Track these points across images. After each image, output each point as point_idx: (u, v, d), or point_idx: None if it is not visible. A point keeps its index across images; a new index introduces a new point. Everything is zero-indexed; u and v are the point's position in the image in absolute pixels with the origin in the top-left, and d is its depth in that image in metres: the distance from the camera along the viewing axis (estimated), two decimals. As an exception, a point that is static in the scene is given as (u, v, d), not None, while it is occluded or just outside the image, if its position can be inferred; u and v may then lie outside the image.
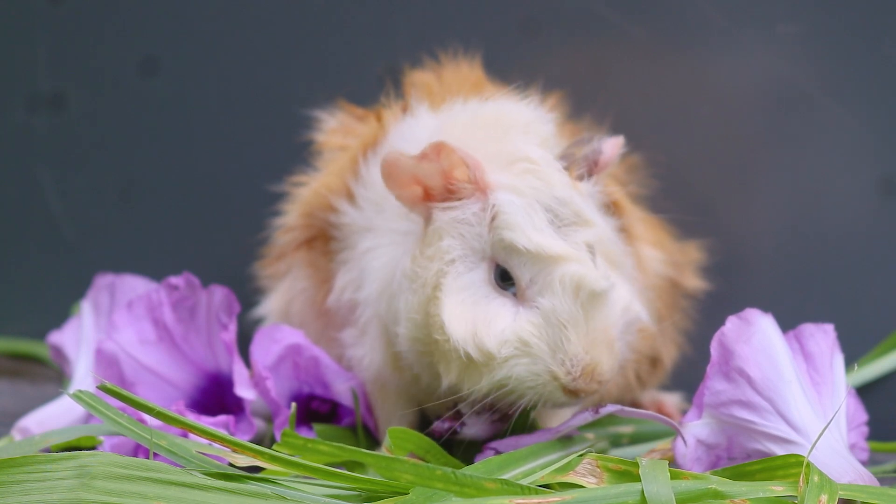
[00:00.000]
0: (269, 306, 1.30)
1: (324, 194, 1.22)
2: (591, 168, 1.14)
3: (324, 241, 1.22)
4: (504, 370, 1.08)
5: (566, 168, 1.13)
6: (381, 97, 1.25)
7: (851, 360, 1.43)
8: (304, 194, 1.25)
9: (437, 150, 1.09)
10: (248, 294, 1.34)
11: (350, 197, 1.19)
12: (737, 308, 1.47)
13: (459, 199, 1.11)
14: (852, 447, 1.16)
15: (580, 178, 1.13)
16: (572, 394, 1.09)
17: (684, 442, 1.11)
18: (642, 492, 0.98)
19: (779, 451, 1.08)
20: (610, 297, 1.10)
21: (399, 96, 1.26)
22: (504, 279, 1.10)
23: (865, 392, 1.39)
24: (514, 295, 1.10)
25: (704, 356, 1.12)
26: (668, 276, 1.31)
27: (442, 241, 1.10)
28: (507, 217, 1.09)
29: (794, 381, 1.10)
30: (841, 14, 1.44)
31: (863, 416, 1.20)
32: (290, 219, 1.26)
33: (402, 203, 1.13)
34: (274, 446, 1.02)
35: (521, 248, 1.08)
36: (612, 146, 1.15)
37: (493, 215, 1.10)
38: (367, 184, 1.19)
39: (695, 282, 1.36)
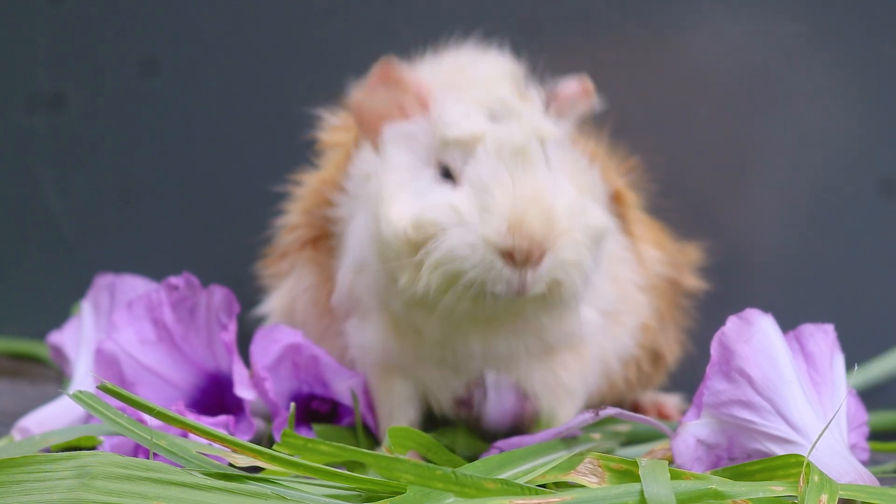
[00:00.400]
0: (272, 305, 1.30)
1: (321, 190, 1.22)
2: (548, 99, 1.16)
3: (326, 238, 1.23)
4: (440, 245, 1.08)
5: (524, 94, 1.15)
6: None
7: (851, 360, 1.43)
8: (304, 193, 1.25)
9: (381, 73, 1.14)
10: (248, 294, 1.34)
11: (343, 191, 1.20)
12: (737, 308, 1.47)
13: (408, 118, 1.14)
14: (853, 447, 1.16)
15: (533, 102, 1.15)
16: (508, 256, 1.07)
17: (678, 447, 1.10)
18: (642, 492, 0.98)
19: (779, 451, 1.08)
20: (539, 162, 1.10)
21: None
22: (446, 177, 1.12)
23: (866, 393, 1.39)
24: (454, 184, 1.12)
25: (705, 356, 1.12)
26: (668, 276, 1.31)
27: (387, 152, 1.13)
28: (446, 118, 1.12)
29: (794, 381, 1.10)
30: (841, 14, 1.44)
31: (863, 416, 1.20)
32: (292, 217, 1.26)
33: (377, 151, 1.15)
34: (274, 446, 1.02)
35: (453, 137, 1.11)
36: (572, 84, 1.18)
37: (436, 123, 1.12)
38: (354, 175, 1.19)
39: (695, 281, 1.36)
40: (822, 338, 1.14)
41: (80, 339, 1.37)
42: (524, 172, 1.09)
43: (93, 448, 1.17)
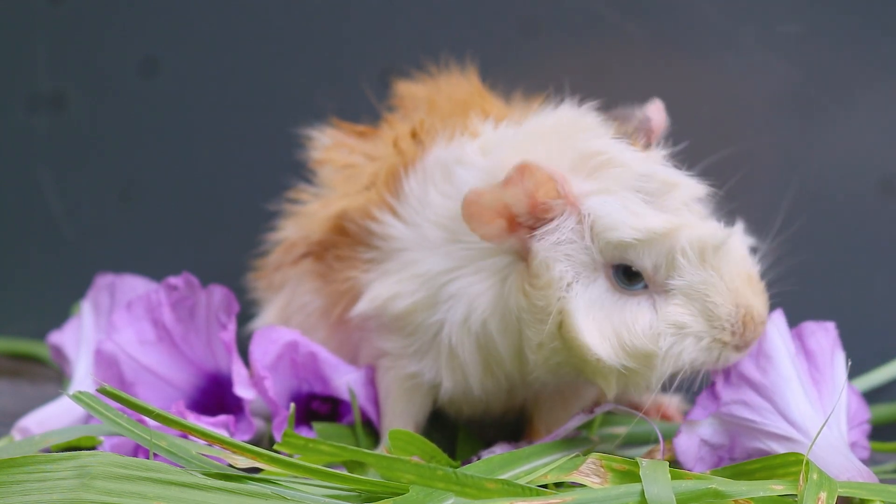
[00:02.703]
0: (267, 318, 1.30)
1: (364, 207, 1.20)
2: (648, 136, 1.16)
3: (345, 249, 1.21)
4: (672, 360, 1.09)
5: (630, 144, 1.13)
6: (378, 110, 1.25)
7: (851, 359, 1.43)
8: (329, 211, 1.23)
9: (522, 171, 1.08)
10: (247, 294, 1.34)
11: (392, 211, 1.18)
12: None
13: (551, 219, 1.10)
14: (853, 445, 1.16)
15: (645, 148, 1.14)
16: (744, 347, 1.10)
17: (681, 447, 1.10)
18: (643, 492, 0.98)
19: (780, 448, 1.08)
20: (733, 243, 1.11)
21: (390, 108, 1.26)
22: (628, 277, 1.10)
23: (868, 393, 1.39)
24: (646, 288, 1.10)
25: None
26: None
27: (552, 271, 1.09)
28: (605, 219, 1.09)
29: (794, 379, 1.10)
30: (841, 14, 1.44)
31: (865, 415, 1.20)
32: (293, 233, 1.26)
33: (487, 240, 1.12)
34: (275, 446, 1.02)
35: (631, 240, 1.08)
36: (656, 110, 1.18)
37: (591, 223, 1.09)
38: (420, 202, 1.17)
39: None
40: (823, 335, 1.14)
41: (80, 339, 1.37)
42: (727, 261, 1.10)
43: (93, 448, 1.17)
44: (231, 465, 1.02)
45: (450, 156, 1.16)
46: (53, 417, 1.26)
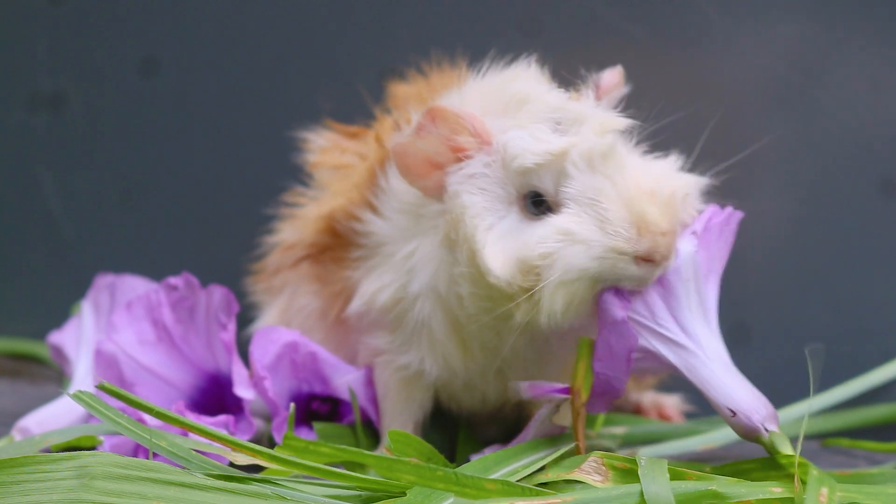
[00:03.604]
0: (266, 321, 1.30)
1: (346, 207, 1.21)
2: (596, 93, 1.15)
3: (338, 251, 1.22)
4: (560, 267, 1.07)
5: (572, 91, 1.14)
6: (371, 109, 1.25)
7: (851, 360, 1.43)
8: (318, 212, 1.24)
9: (431, 114, 1.10)
10: (247, 295, 1.34)
11: (373, 208, 1.19)
12: (737, 309, 1.47)
13: (468, 157, 1.11)
14: None
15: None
16: (645, 260, 1.07)
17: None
18: (642, 493, 0.98)
19: (671, 356, 1.07)
20: (627, 155, 1.10)
21: (386, 109, 1.26)
22: (536, 204, 1.10)
23: (868, 394, 1.39)
24: (550, 211, 1.09)
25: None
26: None
27: (461, 199, 1.10)
28: (512, 149, 1.09)
29: (691, 280, 1.09)
30: (841, 14, 1.44)
31: None
32: (292, 236, 1.26)
33: (429, 195, 1.13)
34: (275, 449, 1.02)
35: (532, 164, 1.08)
36: (611, 74, 1.17)
37: (502, 156, 1.10)
38: (391, 194, 1.18)
39: None
40: (718, 226, 1.13)
41: (80, 339, 1.37)
42: (621, 171, 1.08)
43: (93, 448, 1.17)
44: (231, 465, 1.02)
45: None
46: (53, 417, 1.26)
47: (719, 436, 1.27)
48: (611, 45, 1.48)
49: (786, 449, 1.04)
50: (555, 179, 1.09)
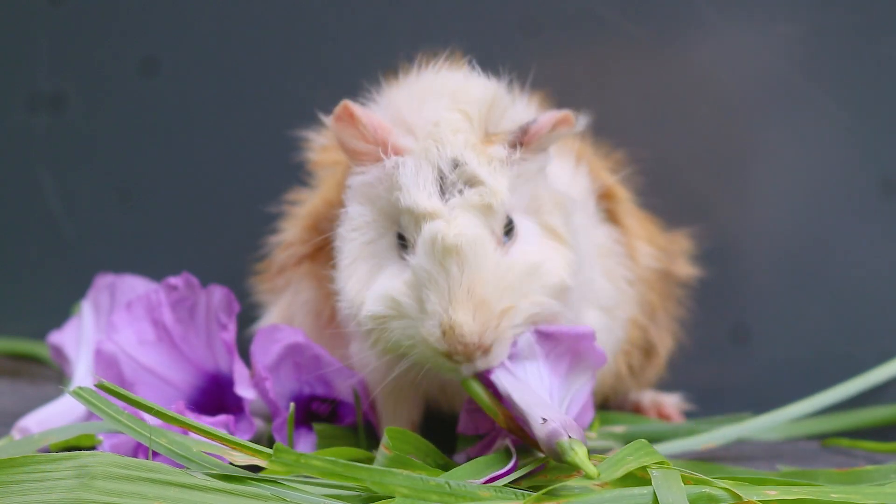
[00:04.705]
0: (270, 320, 1.30)
1: (324, 208, 1.21)
2: (519, 137, 1.11)
3: (328, 252, 1.22)
4: (386, 333, 1.08)
5: (488, 135, 1.11)
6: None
7: (851, 360, 1.43)
8: (305, 210, 1.25)
9: (341, 112, 1.10)
10: (247, 295, 1.34)
11: (344, 208, 1.19)
12: (737, 309, 1.47)
13: (369, 163, 1.11)
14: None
15: (511, 145, 1.10)
16: (447, 357, 1.06)
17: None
18: (655, 496, 0.98)
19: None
20: (472, 253, 1.06)
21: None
22: (403, 246, 1.10)
23: (868, 393, 1.39)
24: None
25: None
26: (659, 268, 1.31)
27: (349, 206, 1.11)
28: (399, 178, 1.09)
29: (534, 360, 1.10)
30: (841, 14, 1.44)
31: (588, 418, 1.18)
32: (290, 234, 1.26)
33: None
34: (267, 462, 1.01)
35: (404, 207, 1.08)
36: (548, 117, 1.12)
37: (391, 178, 1.09)
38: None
39: (687, 269, 1.36)
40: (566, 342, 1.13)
41: (80, 339, 1.37)
42: (461, 267, 1.06)
43: (92, 448, 1.17)
44: (231, 465, 1.02)
45: None
46: (53, 417, 1.26)
47: (719, 435, 1.27)
48: (611, 45, 1.48)
49: (579, 454, 1.03)
50: (412, 236, 1.08)
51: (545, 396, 1.09)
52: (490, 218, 1.08)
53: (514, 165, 1.10)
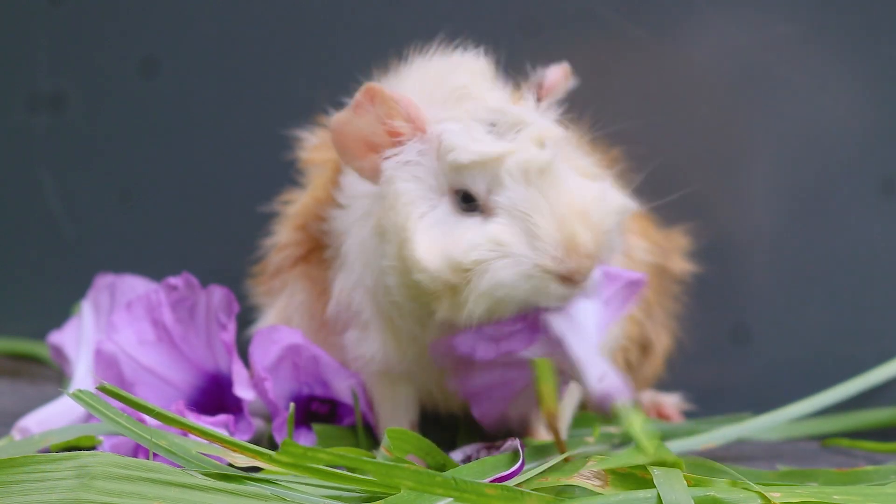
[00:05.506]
0: (268, 322, 1.30)
1: (313, 207, 1.22)
2: (538, 92, 1.14)
3: (319, 252, 1.22)
4: (489, 276, 1.06)
5: (513, 92, 1.13)
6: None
7: (851, 359, 1.43)
8: (294, 210, 1.25)
9: (369, 94, 1.10)
10: (247, 295, 1.34)
11: (337, 205, 1.19)
12: (737, 309, 1.47)
13: (402, 143, 1.11)
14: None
15: (533, 101, 1.13)
16: (567, 280, 1.06)
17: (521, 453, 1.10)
18: (658, 498, 0.98)
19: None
20: (563, 172, 1.08)
21: None
22: (467, 202, 1.09)
23: (868, 394, 1.39)
24: (480, 212, 1.09)
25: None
26: (654, 264, 1.31)
27: (395, 186, 1.10)
28: (447, 141, 1.09)
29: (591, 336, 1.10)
30: (841, 14, 1.44)
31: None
32: (283, 236, 1.26)
33: (364, 177, 1.13)
34: (274, 455, 1.02)
35: (467, 161, 1.08)
36: (555, 71, 1.16)
37: (437, 147, 1.10)
38: (345, 189, 1.19)
39: (683, 266, 1.36)
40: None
41: (80, 339, 1.37)
42: (556, 188, 1.08)
43: (92, 448, 1.17)
44: (231, 465, 1.02)
45: None
46: (53, 417, 1.26)
47: (719, 435, 1.27)
48: (611, 45, 1.48)
49: (635, 424, 1.04)
50: (487, 183, 1.08)
51: (597, 342, 1.09)
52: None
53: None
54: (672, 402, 1.39)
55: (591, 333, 1.09)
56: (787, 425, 1.35)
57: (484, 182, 1.08)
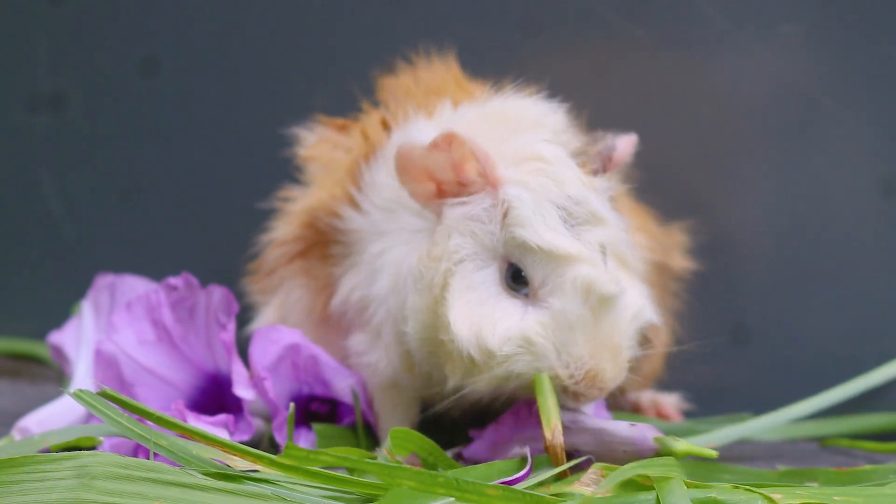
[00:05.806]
0: (265, 319, 1.29)
1: (327, 202, 1.21)
2: (605, 164, 1.14)
3: (322, 247, 1.22)
4: (504, 367, 1.08)
5: (580, 165, 1.12)
6: (360, 104, 1.25)
7: (852, 359, 1.43)
8: (301, 207, 1.24)
9: (448, 140, 1.09)
10: (246, 296, 1.34)
11: (354, 203, 1.19)
12: (737, 309, 1.47)
13: (470, 193, 1.10)
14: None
15: (594, 173, 1.13)
16: (572, 397, 1.09)
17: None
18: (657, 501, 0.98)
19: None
20: (619, 302, 1.09)
21: (375, 103, 1.26)
22: (516, 280, 1.09)
23: (868, 395, 1.39)
24: (526, 296, 1.09)
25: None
26: (654, 261, 1.31)
27: (451, 240, 1.09)
28: (518, 213, 1.08)
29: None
30: (841, 14, 1.44)
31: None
32: (282, 233, 1.26)
33: (415, 199, 1.12)
34: (277, 458, 1.02)
35: (535, 246, 1.07)
36: (625, 143, 1.15)
37: (504, 211, 1.09)
38: (373, 188, 1.18)
39: (682, 262, 1.36)
40: None
41: (80, 339, 1.37)
42: (606, 316, 1.08)
43: (92, 448, 1.17)
44: (228, 465, 1.02)
45: (402, 137, 1.16)
46: (53, 417, 1.26)
47: (719, 435, 1.27)
48: (611, 45, 1.48)
49: (682, 443, 1.08)
50: (544, 275, 1.08)
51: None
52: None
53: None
54: (672, 401, 1.39)
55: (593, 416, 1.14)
56: (788, 426, 1.35)
57: (542, 272, 1.08)
